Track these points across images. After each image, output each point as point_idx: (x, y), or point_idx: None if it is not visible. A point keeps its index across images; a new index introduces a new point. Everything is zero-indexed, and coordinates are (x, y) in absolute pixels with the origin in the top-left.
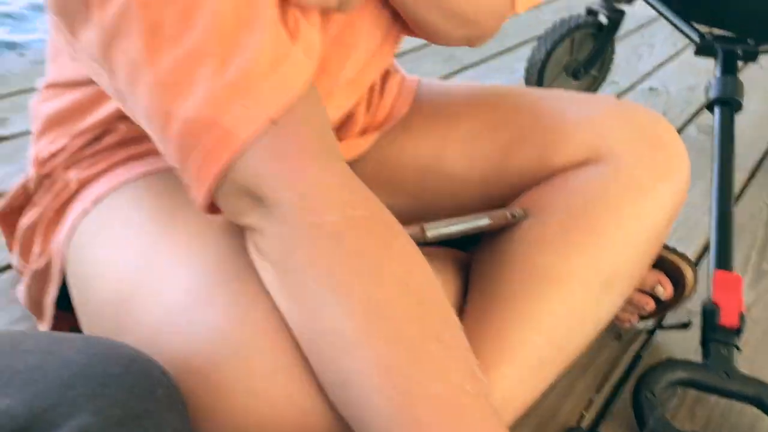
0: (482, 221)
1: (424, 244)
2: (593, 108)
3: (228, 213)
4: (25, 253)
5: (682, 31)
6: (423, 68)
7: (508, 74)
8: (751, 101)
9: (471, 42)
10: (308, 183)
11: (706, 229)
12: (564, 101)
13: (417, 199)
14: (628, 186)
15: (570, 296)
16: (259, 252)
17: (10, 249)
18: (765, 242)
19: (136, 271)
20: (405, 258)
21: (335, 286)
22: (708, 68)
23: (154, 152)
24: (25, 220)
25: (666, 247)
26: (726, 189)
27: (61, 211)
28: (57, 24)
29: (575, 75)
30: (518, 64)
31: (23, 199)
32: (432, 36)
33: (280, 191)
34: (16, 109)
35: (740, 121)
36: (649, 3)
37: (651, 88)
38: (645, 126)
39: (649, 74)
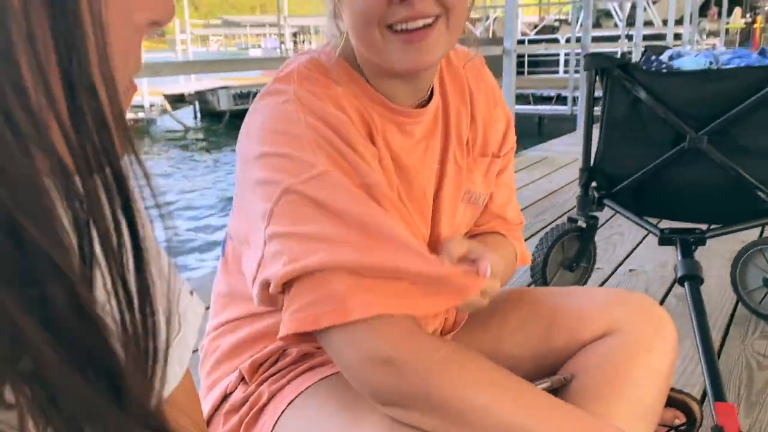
0: (545, 384)
1: None
2: (604, 298)
3: None
4: None
5: (645, 228)
6: None
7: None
8: (712, 268)
9: None
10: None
11: (700, 376)
12: (582, 295)
13: None
14: (639, 348)
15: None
16: None
17: None
18: (749, 381)
19: None
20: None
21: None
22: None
23: (327, 362)
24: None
25: (677, 391)
26: (707, 342)
27: (255, 416)
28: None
29: (570, 268)
30: None
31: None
32: None
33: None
34: None
35: (708, 284)
36: (615, 210)
37: (630, 270)
38: (642, 307)
39: (625, 258)
